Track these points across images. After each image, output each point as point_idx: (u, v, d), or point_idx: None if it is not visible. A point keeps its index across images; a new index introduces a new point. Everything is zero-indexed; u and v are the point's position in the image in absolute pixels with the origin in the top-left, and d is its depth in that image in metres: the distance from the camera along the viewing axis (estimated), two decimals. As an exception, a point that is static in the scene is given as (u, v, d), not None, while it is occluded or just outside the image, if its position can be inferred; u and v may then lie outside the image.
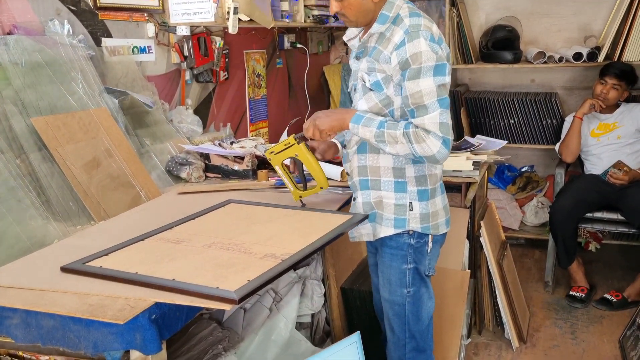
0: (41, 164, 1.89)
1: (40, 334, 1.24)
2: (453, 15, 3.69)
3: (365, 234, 1.78)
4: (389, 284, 1.78)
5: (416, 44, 1.55)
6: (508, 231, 3.80)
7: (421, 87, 1.56)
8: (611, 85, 3.19)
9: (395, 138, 1.59)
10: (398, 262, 1.75)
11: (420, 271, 1.77)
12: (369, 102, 1.69)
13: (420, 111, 1.58)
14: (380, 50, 1.62)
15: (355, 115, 1.64)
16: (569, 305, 3.14)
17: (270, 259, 1.36)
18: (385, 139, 1.60)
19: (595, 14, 3.75)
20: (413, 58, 1.55)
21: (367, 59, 1.68)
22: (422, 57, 1.55)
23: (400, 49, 1.57)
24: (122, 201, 2.03)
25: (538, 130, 3.75)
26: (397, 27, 1.61)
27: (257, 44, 3.38)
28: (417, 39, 1.55)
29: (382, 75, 1.63)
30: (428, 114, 1.57)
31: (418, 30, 1.56)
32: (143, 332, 1.16)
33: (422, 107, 1.57)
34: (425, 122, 1.57)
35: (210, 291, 1.20)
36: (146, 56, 2.55)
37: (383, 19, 1.63)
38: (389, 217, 1.72)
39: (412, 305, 1.78)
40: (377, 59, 1.63)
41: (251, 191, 2.13)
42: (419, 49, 1.55)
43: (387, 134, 1.59)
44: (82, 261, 1.41)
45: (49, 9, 2.09)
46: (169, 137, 2.49)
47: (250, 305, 1.99)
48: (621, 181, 3.08)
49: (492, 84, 4.10)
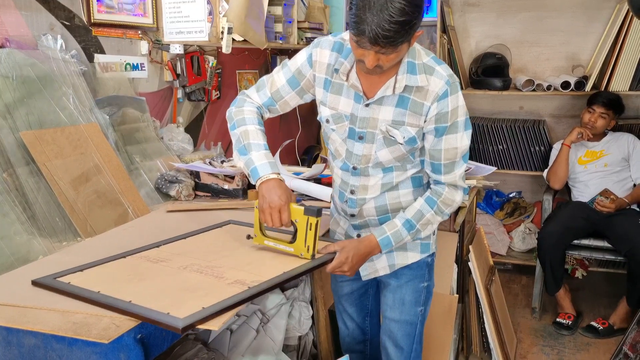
0: (28, 178, 1.87)
1: (21, 353, 1.21)
2: (444, 42, 3.74)
3: (381, 267, 1.73)
4: (401, 305, 1.74)
5: (456, 98, 1.49)
6: (496, 256, 3.80)
7: (458, 145, 1.52)
8: (599, 114, 3.24)
9: (428, 221, 1.60)
10: (416, 282, 1.74)
11: (431, 288, 1.79)
12: (394, 153, 1.57)
13: (449, 167, 1.55)
14: (419, 102, 1.49)
15: (381, 242, 1.58)
16: (556, 332, 3.13)
17: (237, 285, 1.34)
18: (422, 231, 1.61)
19: (583, 44, 3.82)
20: (453, 112, 1.49)
21: (393, 110, 1.51)
22: (460, 111, 1.50)
23: (442, 101, 1.48)
24: (109, 218, 2.01)
25: (526, 156, 3.79)
26: (432, 76, 1.48)
27: (250, 65, 3.40)
28: (457, 93, 1.49)
29: (415, 129, 1.52)
30: (456, 170, 1.56)
31: (456, 82, 1.50)
32: (128, 352, 1.14)
33: (451, 164, 1.55)
34: (457, 178, 1.57)
35: (159, 317, 1.17)
36: (139, 73, 2.54)
37: (413, 69, 1.48)
38: (415, 244, 1.70)
39: (421, 324, 1.79)
40: (414, 111, 1.50)
41: (240, 210, 2.11)
42: (457, 103, 1.49)
43: (421, 226, 1.59)
44: (54, 276, 1.39)
45: (43, 24, 2.09)
46: (159, 154, 2.47)
47: (236, 326, 1.96)
48: (608, 209, 3.10)
49: (481, 110, 4.15)
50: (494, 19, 3.99)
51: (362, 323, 1.93)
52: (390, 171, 1.62)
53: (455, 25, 4.03)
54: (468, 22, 4.05)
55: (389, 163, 1.60)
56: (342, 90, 1.58)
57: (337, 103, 1.59)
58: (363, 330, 1.94)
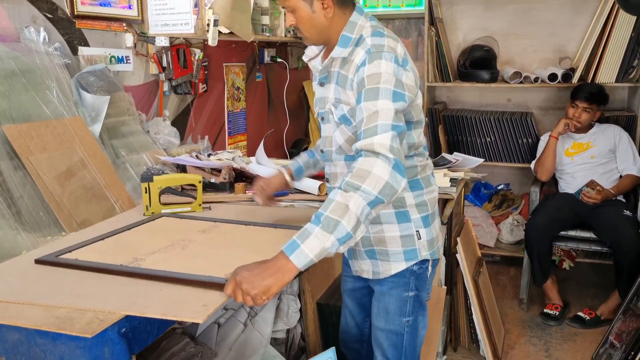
0: (12, 173, 1.84)
1: (5, 348, 1.20)
2: (432, 34, 3.74)
3: (366, 270, 1.67)
4: (385, 313, 1.64)
5: (376, 65, 1.41)
6: (484, 248, 3.82)
7: (379, 107, 1.37)
8: (582, 109, 3.25)
9: (341, 206, 1.26)
10: (399, 290, 1.62)
11: (421, 298, 1.66)
12: (344, 135, 1.56)
13: (369, 132, 1.36)
14: (345, 75, 1.50)
15: (290, 252, 1.24)
16: (543, 322, 3.16)
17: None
18: (341, 221, 1.25)
19: (570, 35, 3.84)
20: (370, 78, 1.40)
21: (333, 88, 1.55)
22: (381, 78, 1.40)
23: (361, 69, 1.43)
24: (95, 212, 2.00)
25: (514, 148, 3.81)
26: (359, 47, 1.48)
27: (237, 57, 3.38)
28: (378, 60, 1.41)
29: (347, 107, 1.51)
30: (377, 135, 1.34)
31: (381, 52, 1.42)
32: (112, 346, 1.13)
33: (372, 129, 1.36)
34: (374, 142, 1.33)
35: (213, 279, 1.27)
36: (124, 66, 2.52)
37: (345, 42, 1.50)
38: (397, 251, 1.59)
39: (410, 335, 1.65)
40: (343, 87, 1.51)
41: (227, 204, 2.11)
42: (378, 69, 1.41)
43: (331, 212, 1.25)
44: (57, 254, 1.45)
45: (25, 16, 2.06)
46: (145, 148, 2.45)
47: (224, 320, 1.96)
48: (594, 200, 3.13)
49: (469, 103, 4.16)
50: (482, 11, 3.99)
51: (361, 323, 1.86)
52: (352, 159, 1.48)
53: (443, 17, 4.03)
54: (456, 14, 4.06)
55: (348, 150, 1.57)
56: (315, 76, 1.67)
57: (315, 89, 1.68)
58: (361, 330, 1.87)
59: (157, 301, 1.22)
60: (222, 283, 1.25)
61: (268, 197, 1.85)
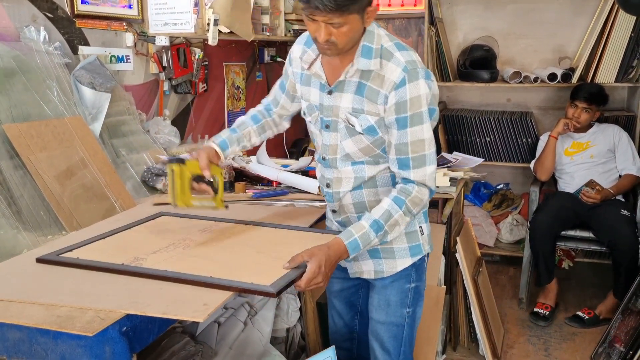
0: (12, 172, 1.84)
1: (6, 347, 1.20)
2: (432, 34, 3.74)
3: (367, 271, 1.68)
4: (387, 306, 1.68)
5: (415, 86, 1.42)
6: (483, 248, 3.83)
7: (425, 136, 1.46)
8: (582, 109, 3.26)
9: (396, 222, 1.47)
10: (401, 283, 1.66)
11: (420, 289, 1.71)
12: (358, 144, 1.53)
13: (417, 162, 1.47)
14: (374, 88, 1.46)
15: (349, 245, 1.44)
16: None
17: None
18: (389, 233, 1.48)
19: (570, 35, 3.84)
20: (413, 101, 1.43)
21: (352, 97, 1.50)
22: (422, 100, 1.43)
23: (400, 90, 1.42)
24: (95, 212, 2.00)
25: (513, 148, 3.81)
26: (390, 62, 1.44)
27: (237, 57, 3.38)
28: (416, 80, 1.42)
29: (375, 118, 1.48)
30: (427, 166, 1.48)
31: (416, 69, 1.43)
32: (113, 345, 1.13)
33: (420, 158, 1.47)
34: (427, 176, 1.48)
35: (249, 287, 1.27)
36: (124, 65, 2.52)
37: (368, 53, 1.45)
38: (402, 248, 1.63)
39: (409, 326, 1.70)
40: (370, 99, 1.47)
41: (226, 202, 2.10)
42: (418, 92, 1.42)
43: (389, 227, 1.47)
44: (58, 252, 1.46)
45: (25, 15, 2.06)
46: (145, 147, 2.46)
47: (224, 319, 1.96)
48: (593, 200, 3.13)
49: (469, 102, 4.16)
50: (482, 11, 4.00)
51: (350, 321, 1.89)
52: (360, 164, 1.57)
53: (443, 17, 4.04)
54: (456, 14, 4.06)
55: (358, 156, 1.56)
56: (310, 81, 1.60)
57: (309, 94, 1.61)
58: (351, 329, 1.90)
59: (157, 300, 1.22)
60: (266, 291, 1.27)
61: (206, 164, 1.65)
